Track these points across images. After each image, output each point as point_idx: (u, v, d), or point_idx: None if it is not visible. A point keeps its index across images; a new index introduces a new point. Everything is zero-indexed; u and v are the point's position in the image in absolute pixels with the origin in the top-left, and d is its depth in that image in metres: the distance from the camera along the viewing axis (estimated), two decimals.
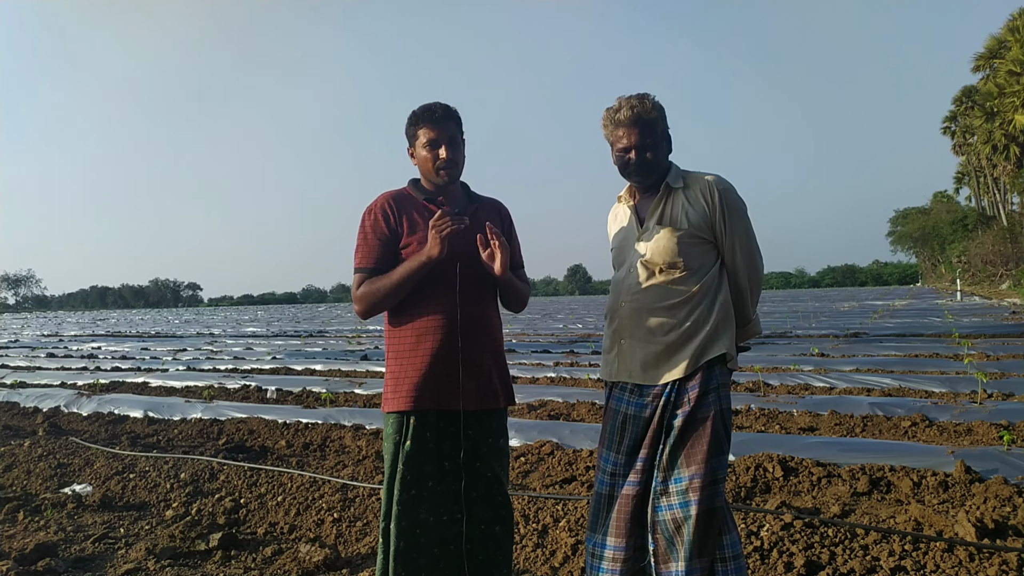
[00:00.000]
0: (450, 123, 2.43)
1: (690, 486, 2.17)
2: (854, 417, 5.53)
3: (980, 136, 43.49)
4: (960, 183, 63.41)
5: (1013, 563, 2.82)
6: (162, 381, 9.49)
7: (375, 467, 4.72)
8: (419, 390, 2.35)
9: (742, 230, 2.34)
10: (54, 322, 42.27)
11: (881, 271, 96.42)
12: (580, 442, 4.95)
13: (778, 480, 4.01)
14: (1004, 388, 6.68)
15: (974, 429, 5.04)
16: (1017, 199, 48.18)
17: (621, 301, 2.39)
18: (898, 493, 3.77)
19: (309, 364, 11.27)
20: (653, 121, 2.33)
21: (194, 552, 3.53)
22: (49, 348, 17.78)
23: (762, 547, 3.08)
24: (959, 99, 50.83)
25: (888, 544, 3.02)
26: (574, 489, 4.08)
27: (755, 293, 2.44)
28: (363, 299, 2.39)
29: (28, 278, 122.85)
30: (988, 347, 10.32)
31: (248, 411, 6.73)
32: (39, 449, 5.56)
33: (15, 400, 8.21)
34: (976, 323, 15.08)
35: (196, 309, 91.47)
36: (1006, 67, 37.47)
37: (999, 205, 51.99)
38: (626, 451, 2.32)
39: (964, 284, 41.72)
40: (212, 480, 4.65)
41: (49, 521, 4.06)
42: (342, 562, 3.34)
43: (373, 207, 2.46)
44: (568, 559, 3.21)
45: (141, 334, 24.22)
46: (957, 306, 22.84)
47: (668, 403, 2.26)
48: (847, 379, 7.36)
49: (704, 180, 2.35)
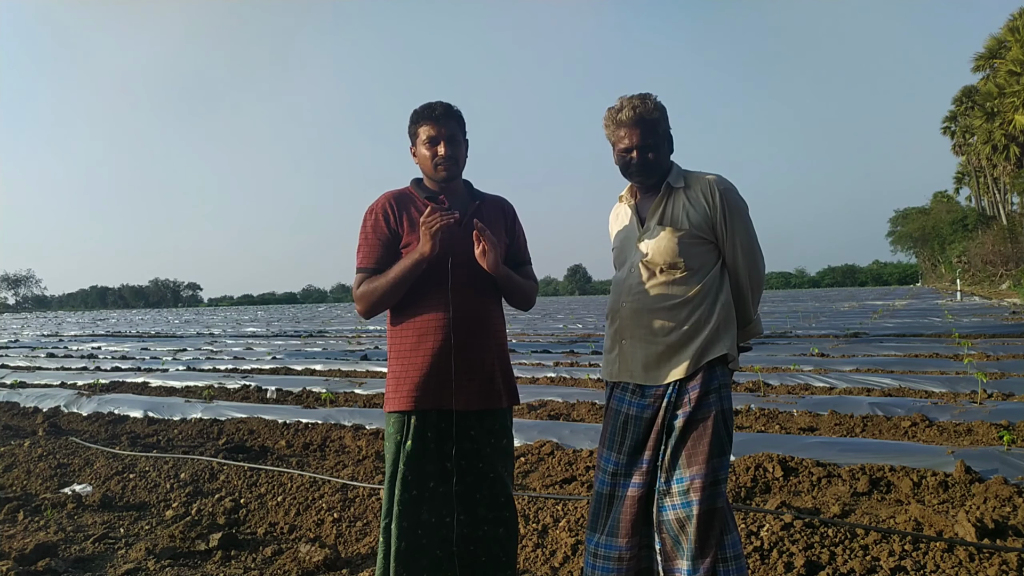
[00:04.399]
0: (451, 121, 2.42)
1: (691, 486, 2.17)
2: (854, 417, 5.53)
3: (980, 136, 43.50)
4: (960, 183, 63.47)
5: (1013, 563, 2.82)
6: (162, 381, 9.49)
7: (375, 467, 4.72)
8: (420, 390, 2.35)
9: (743, 230, 2.34)
10: (54, 322, 42.27)
11: (881, 271, 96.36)
12: (580, 442, 4.95)
13: (778, 480, 4.01)
14: (1004, 388, 6.68)
15: (974, 429, 5.05)
16: (1017, 199, 48.20)
17: (622, 301, 2.38)
18: (898, 493, 3.77)
19: (309, 364, 11.27)
20: (655, 121, 2.33)
21: (194, 552, 3.53)
22: (49, 348, 17.78)
23: (762, 547, 3.08)
24: (959, 99, 50.88)
25: (888, 544, 3.02)
26: (574, 489, 4.08)
27: (756, 293, 2.43)
28: (363, 298, 2.39)
29: (28, 278, 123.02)
30: (988, 347, 10.32)
31: (248, 411, 6.73)
32: (39, 449, 5.56)
33: (15, 400, 8.22)
34: (976, 323, 15.08)
35: (196, 309, 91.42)
36: (1006, 67, 37.51)
37: (999, 205, 52.00)
38: (627, 451, 2.31)
39: (964, 284, 41.75)
40: (212, 480, 4.65)
41: (49, 521, 4.06)
42: (342, 562, 3.34)
43: (374, 207, 2.46)
44: (568, 559, 3.21)
45: (141, 334, 24.21)
46: (957, 306, 22.85)
47: (669, 404, 2.26)
48: (847, 379, 7.36)
49: (705, 180, 2.35)
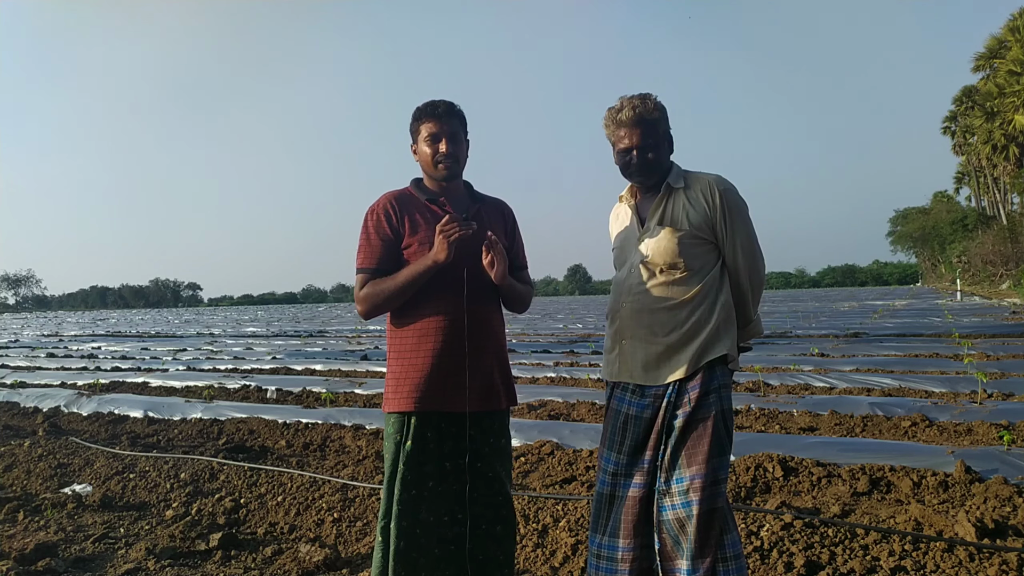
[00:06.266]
0: (453, 119, 2.42)
1: (691, 486, 2.17)
2: (854, 417, 5.53)
3: (980, 136, 43.56)
4: (960, 183, 63.44)
5: (1013, 563, 2.82)
6: (162, 381, 9.48)
7: (375, 467, 4.72)
8: (420, 391, 2.34)
9: (743, 230, 2.34)
10: (54, 322, 42.26)
11: (881, 271, 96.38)
12: (580, 442, 4.95)
13: (778, 480, 4.01)
14: (1004, 388, 6.68)
15: (974, 429, 5.04)
16: (1017, 199, 48.19)
17: (622, 301, 2.38)
18: (898, 493, 3.77)
19: (309, 364, 11.25)
20: (655, 121, 2.33)
21: (194, 552, 3.53)
22: (49, 348, 17.77)
23: (762, 547, 3.08)
24: (959, 99, 50.92)
25: (888, 544, 3.02)
26: (574, 489, 4.08)
27: (756, 293, 2.43)
28: (366, 300, 2.39)
29: (28, 278, 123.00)
30: (988, 347, 10.32)
31: (248, 411, 6.73)
32: (39, 449, 5.56)
33: (15, 400, 8.21)
34: (976, 323, 15.09)
35: (196, 309, 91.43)
36: (1006, 67, 37.51)
37: (999, 205, 52.00)
38: (627, 451, 2.32)
39: (964, 284, 41.73)
40: (212, 480, 4.64)
41: (49, 521, 4.06)
42: (342, 562, 3.35)
43: (375, 207, 2.46)
44: (568, 559, 3.21)
45: (141, 334, 24.21)
46: (957, 306, 22.85)
47: (669, 404, 2.26)
48: (847, 379, 7.36)
49: (705, 180, 2.35)
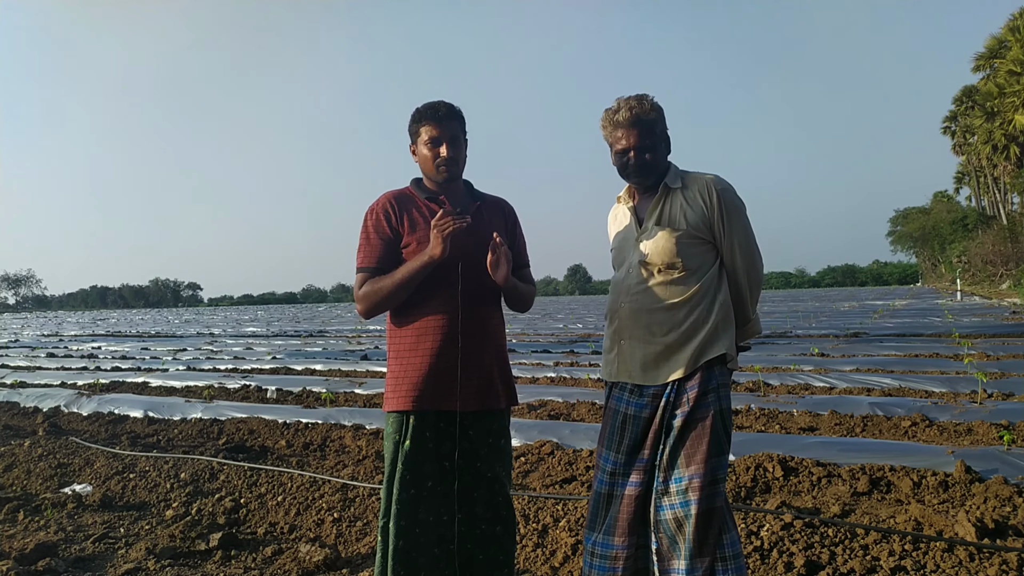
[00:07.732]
0: (453, 122, 2.43)
1: (690, 486, 2.18)
2: (854, 417, 5.53)
3: (980, 136, 43.54)
4: (960, 183, 63.46)
5: (1013, 563, 2.82)
6: (162, 381, 9.49)
7: (375, 467, 4.72)
8: (419, 390, 2.35)
9: (741, 230, 2.34)
10: (54, 322, 42.27)
11: (881, 271, 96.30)
12: (580, 442, 4.95)
13: (778, 480, 4.01)
14: (1004, 388, 6.68)
15: (974, 429, 5.05)
16: (1017, 199, 48.21)
17: (621, 301, 2.39)
18: (898, 493, 3.77)
19: (309, 364, 11.27)
20: (652, 122, 2.33)
21: (194, 552, 3.53)
22: (49, 348, 17.78)
23: (762, 547, 3.08)
24: (959, 99, 50.89)
25: (888, 544, 3.02)
26: (574, 489, 4.08)
27: (755, 293, 2.44)
28: (365, 299, 2.39)
29: (28, 278, 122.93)
30: (988, 347, 10.32)
31: (248, 411, 6.73)
32: (39, 449, 5.56)
33: (15, 400, 8.22)
34: (976, 323, 15.08)
35: (196, 309, 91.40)
36: (1006, 67, 37.50)
37: (999, 205, 51.99)
38: (626, 451, 2.32)
39: (964, 284, 41.70)
40: (212, 480, 4.65)
41: (49, 521, 4.06)
42: (342, 562, 3.35)
43: (375, 207, 2.46)
44: (568, 559, 3.21)
45: (141, 334, 24.22)
46: (957, 306, 22.84)
47: (668, 403, 2.26)
48: (847, 379, 7.36)
49: (702, 180, 2.35)
